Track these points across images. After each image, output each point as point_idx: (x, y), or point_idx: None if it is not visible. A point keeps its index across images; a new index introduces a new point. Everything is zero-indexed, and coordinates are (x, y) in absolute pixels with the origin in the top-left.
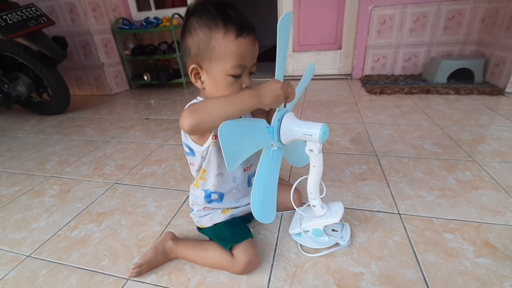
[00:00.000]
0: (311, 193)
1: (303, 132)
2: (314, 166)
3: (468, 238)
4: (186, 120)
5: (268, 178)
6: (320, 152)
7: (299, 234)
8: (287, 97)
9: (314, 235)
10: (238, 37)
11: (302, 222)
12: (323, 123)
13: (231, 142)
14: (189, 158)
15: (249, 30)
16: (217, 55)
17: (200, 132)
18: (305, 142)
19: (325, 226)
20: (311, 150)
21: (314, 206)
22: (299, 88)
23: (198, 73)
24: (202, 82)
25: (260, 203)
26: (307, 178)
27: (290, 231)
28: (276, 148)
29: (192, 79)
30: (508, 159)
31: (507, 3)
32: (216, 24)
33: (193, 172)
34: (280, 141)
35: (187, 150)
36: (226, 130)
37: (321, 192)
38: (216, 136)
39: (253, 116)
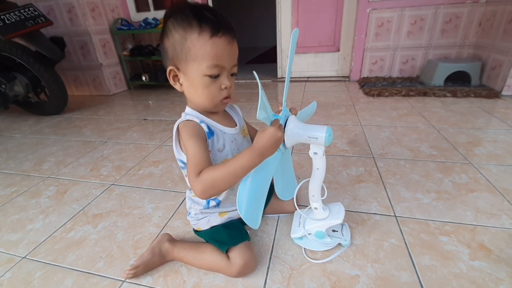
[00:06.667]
0: (313, 195)
1: (308, 136)
2: (317, 168)
3: (463, 240)
4: (200, 196)
5: (284, 169)
6: (323, 154)
7: (301, 238)
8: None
9: (316, 238)
10: (213, 36)
11: (305, 225)
12: (328, 126)
13: (251, 214)
14: (184, 171)
15: (225, 29)
16: (192, 55)
17: None
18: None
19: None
20: (315, 153)
21: (316, 208)
22: (289, 62)
23: (176, 75)
24: (181, 85)
25: (281, 187)
26: (308, 180)
27: (292, 235)
28: (281, 152)
29: (171, 81)
30: (504, 162)
31: (504, 6)
32: (191, 25)
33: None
34: (284, 146)
35: (181, 164)
36: (247, 212)
37: (322, 194)
38: (209, 151)
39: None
